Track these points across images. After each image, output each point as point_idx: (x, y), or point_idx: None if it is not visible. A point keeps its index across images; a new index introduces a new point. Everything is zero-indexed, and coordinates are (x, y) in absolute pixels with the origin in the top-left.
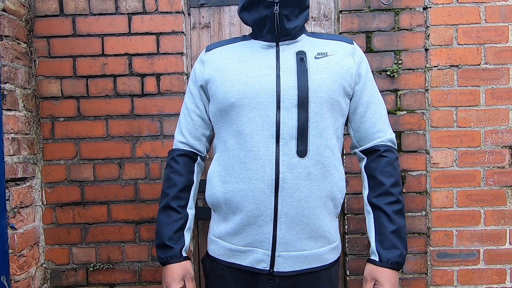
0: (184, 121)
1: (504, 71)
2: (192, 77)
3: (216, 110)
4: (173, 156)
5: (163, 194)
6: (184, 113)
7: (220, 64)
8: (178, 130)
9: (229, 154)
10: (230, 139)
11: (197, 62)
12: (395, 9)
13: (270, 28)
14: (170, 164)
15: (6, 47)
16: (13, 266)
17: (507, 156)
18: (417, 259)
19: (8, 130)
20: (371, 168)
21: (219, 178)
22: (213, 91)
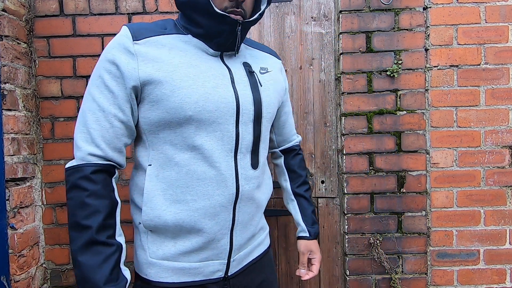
0: (97, 126)
1: (504, 71)
2: (111, 70)
3: (160, 120)
4: (85, 174)
5: (78, 227)
6: (97, 115)
7: (164, 63)
8: (85, 137)
9: (180, 170)
10: (180, 153)
11: (120, 51)
12: (395, 9)
13: (223, 42)
14: (81, 184)
15: (6, 47)
16: (13, 266)
17: (507, 156)
18: (417, 259)
19: (8, 130)
20: (290, 164)
21: (165, 197)
22: (158, 97)
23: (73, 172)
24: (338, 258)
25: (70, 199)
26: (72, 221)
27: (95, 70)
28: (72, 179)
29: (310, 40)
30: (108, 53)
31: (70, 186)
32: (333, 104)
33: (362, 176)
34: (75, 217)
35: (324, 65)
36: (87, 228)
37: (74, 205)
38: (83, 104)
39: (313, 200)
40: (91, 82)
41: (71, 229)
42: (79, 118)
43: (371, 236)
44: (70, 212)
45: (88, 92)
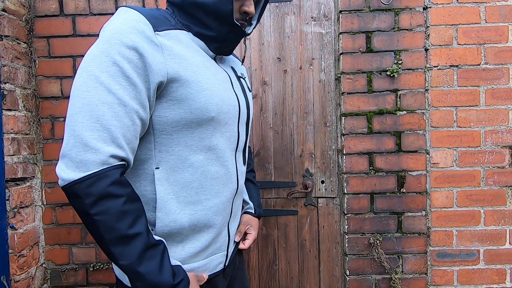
0: (117, 123)
1: (504, 71)
2: (131, 59)
3: (180, 120)
4: (114, 180)
5: (125, 239)
6: (116, 110)
7: (188, 61)
8: (102, 136)
9: (194, 172)
10: (195, 154)
11: (142, 39)
12: (395, 9)
13: (223, 47)
14: (113, 192)
15: (6, 47)
16: (13, 266)
17: (507, 156)
18: (417, 259)
19: (8, 130)
20: None
21: (178, 200)
22: (183, 96)
23: (96, 180)
24: (338, 258)
25: (100, 213)
26: (113, 237)
27: (103, 54)
28: (98, 189)
29: (310, 40)
30: (125, 37)
31: (98, 198)
32: (333, 104)
33: (362, 176)
34: (116, 231)
35: (324, 65)
36: (138, 235)
37: (111, 219)
38: (85, 94)
39: (313, 200)
40: (100, 68)
41: (114, 246)
42: (80, 111)
43: (371, 236)
44: (105, 228)
45: (96, 80)
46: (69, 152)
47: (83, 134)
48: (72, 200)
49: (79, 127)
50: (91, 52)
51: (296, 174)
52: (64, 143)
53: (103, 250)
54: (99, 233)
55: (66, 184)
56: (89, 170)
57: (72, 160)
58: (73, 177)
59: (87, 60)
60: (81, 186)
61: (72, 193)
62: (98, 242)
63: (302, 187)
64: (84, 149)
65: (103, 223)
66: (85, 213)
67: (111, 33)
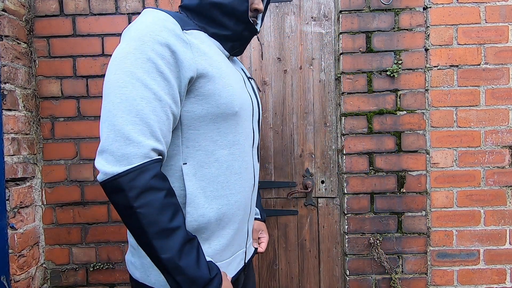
0: (155, 117)
1: (504, 71)
2: (164, 55)
3: (207, 114)
4: (156, 173)
5: (166, 232)
6: (153, 105)
7: (212, 58)
8: (142, 129)
9: (220, 166)
10: (221, 149)
11: (173, 37)
12: (395, 9)
13: (237, 46)
14: (155, 185)
15: (6, 47)
16: (13, 266)
17: (507, 156)
18: (417, 259)
19: (8, 130)
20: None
21: (205, 195)
22: (210, 91)
23: (140, 173)
24: (338, 258)
25: (144, 206)
26: (155, 230)
27: (137, 51)
28: (141, 182)
29: (310, 40)
30: (157, 35)
31: (142, 191)
32: (333, 104)
33: (362, 176)
34: (158, 225)
35: (324, 65)
36: (177, 229)
37: (153, 212)
38: (123, 90)
39: (313, 200)
40: (135, 65)
41: (156, 239)
42: (120, 106)
43: (371, 236)
44: (148, 222)
45: (133, 76)
46: (110, 147)
47: (124, 128)
48: (113, 194)
49: (119, 122)
50: (122, 50)
51: (296, 174)
52: (104, 138)
53: (142, 244)
54: (141, 226)
55: (109, 178)
56: (131, 164)
57: (113, 154)
58: (116, 171)
59: (120, 57)
60: (125, 179)
61: (115, 186)
62: (138, 236)
63: (302, 187)
64: (125, 143)
65: (146, 216)
66: (128, 206)
67: (143, 31)
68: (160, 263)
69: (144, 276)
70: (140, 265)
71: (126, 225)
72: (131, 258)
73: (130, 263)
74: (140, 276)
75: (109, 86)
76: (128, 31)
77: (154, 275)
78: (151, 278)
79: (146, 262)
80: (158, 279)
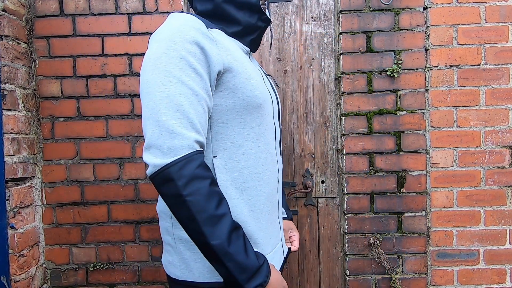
0: (194, 111)
1: (504, 71)
2: (194, 52)
3: (234, 107)
4: (201, 163)
5: (214, 219)
6: (191, 99)
7: (234, 54)
8: (184, 123)
9: (248, 158)
10: (248, 141)
11: (200, 34)
12: (395, 9)
13: (255, 41)
14: (201, 174)
15: (6, 47)
16: (13, 266)
17: (507, 156)
18: (417, 259)
19: (8, 130)
20: None
21: (236, 186)
22: (236, 85)
23: (186, 163)
24: (338, 258)
25: (192, 194)
26: (204, 217)
27: (169, 51)
28: (188, 171)
29: (310, 40)
30: (186, 35)
31: (190, 179)
32: (333, 104)
33: (362, 176)
34: (206, 211)
35: (324, 65)
36: (224, 215)
37: (201, 199)
38: (163, 88)
39: (313, 200)
40: (170, 64)
41: (205, 226)
42: (161, 103)
43: (371, 236)
44: (197, 209)
45: (170, 75)
46: (156, 142)
47: (168, 123)
48: (163, 185)
49: (162, 118)
50: (155, 51)
51: (296, 174)
52: (149, 134)
53: (192, 232)
54: (191, 214)
55: (158, 169)
56: (178, 154)
57: (160, 148)
58: (165, 162)
59: (154, 58)
60: (174, 169)
61: (165, 177)
62: (188, 224)
63: (302, 187)
64: (171, 136)
65: (195, 203)
66: (177, 195)
67: (173, 32)
68: (210, 250)
69: (186, 272)
70: (180, 262)
71: (175, 214)
72: (168, 257)
73: (167, 263)
74: (181, 273)
75: (148, 85)
76: (157, 34)
77: (197, 268)
78: (194, 272)
79: (186, 257)
80: (202, 272)
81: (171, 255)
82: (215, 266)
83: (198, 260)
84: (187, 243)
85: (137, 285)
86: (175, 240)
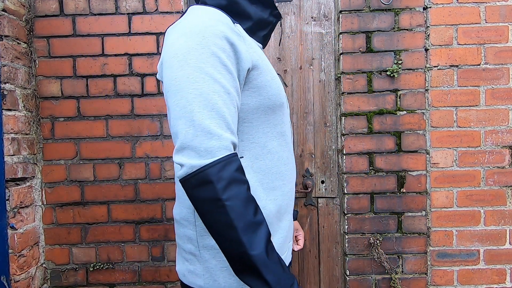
0: (228, 110)
1: (504, 71)
2: (224, 48)
3: (259, 106)
4: (238, 165)
5: (253, 226)
6: (224, 98)
7: (257, 51)
8: (220, 123)
9: (272, 158)
10: (272, 141)
11: (229, 29)
12: (395, 9)
13: (266, 37)
14: (239, 177)
15: (6, 47)
16: (13, 266)
17: (507, 156)
18: (417, 259)
19: (8, 130)
20: None
21: (263, 187)
22: (262, 83)
23: (225, 165)
24: (338, 258)
25: (231, 198)
26: (244, 224)
27: (199, 46)
28: (228, 173)
29: (310, 40)
30: (216, 29)
31: (228, 182)
32: (333, 104)
33: (362, 176)
34: (246, 218)
35: (324, 65)
36: (262, 223)
37: (241, 204)
38: (195, 85)
39: (313, 200)
40: (201, 60)
41: (245, 234)
42: (195, 101)
43: (371, 236)
44: (236, 215)
45: (202, 71)
46: (191, 143)
47: (204, 123)
48: (200, 187)
49: (197, 117)
50: (183, 46)
51: (296, 174)
52: (182, 135)
53: (229, 241)
54: (229, 220)
55: (195, 170)
56: (215, 156)
57: (195, 150)
58: (204, 163)
59: (183, 53)
60: (213, 170)
61: (203, 178)
62: (223, 232)
63: (302, 187)
64: (207, 137)
65: (234, 209)
66: (215, 199)
67: (201, 26)
68: (248, 262)
69: (211, 281)
70: (204, 271)
71: (208, 220)
72: (188, 267)
73: (188, 273)
74: (205, 283)
75: (178, 82)
76: (183, 28)
77: (223, 277)
78: (219, 282)
79: (212, 266)
80: (228, 281)
81: (192, 264)
82: (249, 280)
83: (224, 269)
84: (212, 250)
85: (137, 285)
86: (199, 248)
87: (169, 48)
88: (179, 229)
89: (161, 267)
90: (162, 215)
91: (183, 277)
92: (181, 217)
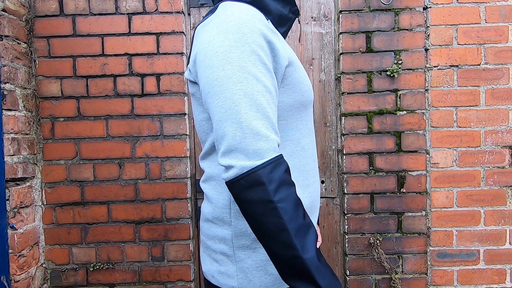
0: (271, 110)
1: (504, 71)
2: (263, 46)
3: (294, 103)
4: (286, 167)
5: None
6: (267, 98)
7: (289, 47)
8: (266, 124)
9: (306, 155)
10: (304, 138)
11: (264, 26)
12: (395, 9)
13: (285, 34)
14: (288, 180)
15: (6, 47)
16: (13, 266)
17: (507, 156)
18: (417, 259)
19: (8, 130)
20: None
21: (298, 184)
22: (296, 79)
23: (275, 166)
24: (338, 258)
25: (283, 200)
26: (296, 226)
27: (239, 43)
28: (278, 175)
29: (310, 40)
30: (254, 27)
31: (279, 184)
32: (333, 104)
33: (362, 176)
34: (297, 220)
35: (324, 65)
36: (311, 225)
37: (292, 206)
38: (239, 85)
39: None
40: (242, 58)
41: (297, 236)
42: (240, 102)
43: (371, 236)
44: (289, 217)
45: (244, 70)
46: (240, 145)
47: (252, 124)
48: (250, 189)
49: (244, 118)
50: (222, 44)
51: None
52: (230, 137)
53: (278, 245)
54: (281, 223)
55: (246, 171)
56: (264, 158)
57: (244, 152)
58: (255, 164)
59: (222, 52)
60: (264, 172)
61: (253, 180)
62: (274, 235)
63: None
64: (256, 139)
65: (286, 211)
66: (267, 201)
67: (239, 23)
68: (300, 265)
69: (245, 282)
70: (237, 271)
71: (257, 223)
72: (219, 268)
73: (218, 274)
74: (239, 283)
75: (221, 82)
76: (218, 25)
77: (259, 276)
78: (254, 282)
79: (246, 266)
80: (264, 281)
81: (223, 265)
82: (299, 284)
83: (260, 268)
84: (248, 250)
85: (137, 285)
86: (233, 248)
87: (206, 46)
88: (210, 229)
89: (161, 267)
90: (162, 215)
91: (212, 278)
92: (215, 217)
